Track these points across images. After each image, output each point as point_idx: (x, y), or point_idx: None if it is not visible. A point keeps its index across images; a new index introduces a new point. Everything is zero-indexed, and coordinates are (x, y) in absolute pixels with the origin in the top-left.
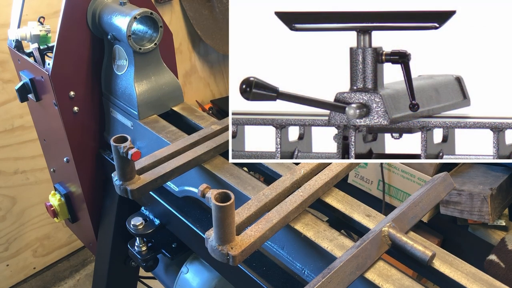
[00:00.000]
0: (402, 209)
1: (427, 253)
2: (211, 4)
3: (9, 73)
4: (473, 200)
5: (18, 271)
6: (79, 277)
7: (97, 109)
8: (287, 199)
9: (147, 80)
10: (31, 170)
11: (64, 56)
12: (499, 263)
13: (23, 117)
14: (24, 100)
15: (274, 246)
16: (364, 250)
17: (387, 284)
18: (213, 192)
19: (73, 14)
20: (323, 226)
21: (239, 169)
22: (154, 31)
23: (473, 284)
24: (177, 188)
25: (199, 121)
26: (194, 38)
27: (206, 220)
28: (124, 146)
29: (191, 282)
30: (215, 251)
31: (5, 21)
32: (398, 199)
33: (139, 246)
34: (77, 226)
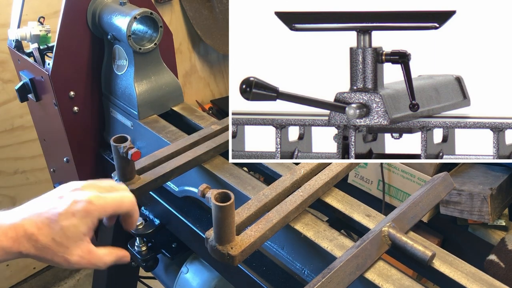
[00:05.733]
0: (402, 209)
1: (427, 253)
2: (211, 4)
3: (9, 73)
4: (473, 200)
5: (18, 271)
6: (79, 277)
7: (97, 109)
8: (287, 199)
9: (147, 80)
10: (31, 170)
11: (64, 56)
12: (499, 263)
13: (23, 117)
14: (24, 100)
15: (274, 246)
16: (364, 250)
17: (387, 284)
18: (213, 192)
19: (73, 14)
20: (323, 226)
21: (239, 169)
22: (154, 31)
23: (473, 284)
24: (177, 188)
25: (199, 121)
26: (194, 38)
27: (206, 220)
28: (124, 146)
29: (191, 282)
30: (215, 251)
31: (5, 21)
32: (398, 199)
33: (139, 246)
34: None
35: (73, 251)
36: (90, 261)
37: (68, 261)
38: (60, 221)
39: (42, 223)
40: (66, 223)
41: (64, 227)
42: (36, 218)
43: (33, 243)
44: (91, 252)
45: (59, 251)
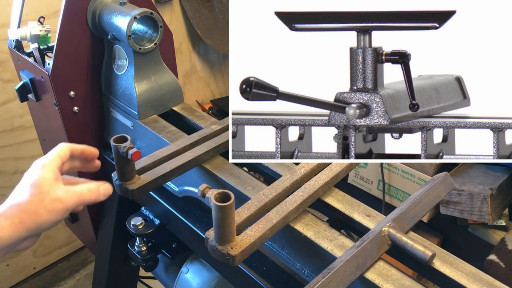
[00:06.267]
0: (402, 209)
1: (427, 253)
2: (211, 4)
3: (9, 73)
4: (473, 200)
5: (18, 271)
6: (79, 277)
7: (97, 109)
8: (287, 199)
9: (147, 80)
10: None
11: (64, 56)
12: (499, 263)
13: (23, 117)
14: (24, 100)
15: (274, 246)
16: (364, 250)
17: (387, 284)
18: (213, 192)
19: (73, 14)
20: (323, 226)
21: (239, 169)
22: (154, 31)
23: (473, 284)
24: (177, 188)
25: (199, 121)
26: (194, 38)
27: (206, 220)
28: (124, 146)
29: (191, 282)
30: (215, 251)
31: (5, 21)
32: (398, 199)
33: (139, 246)
34: (77, 226)
35: (55, 192)
36: (75, 192)
37: (60, 200)
38: (26, 185)
39: (17, 199)
40: (31, 181)
41: (32, 185)
42: (7, 204)
43: (23, 216)
44: (71, 188)
45: (43, 199)
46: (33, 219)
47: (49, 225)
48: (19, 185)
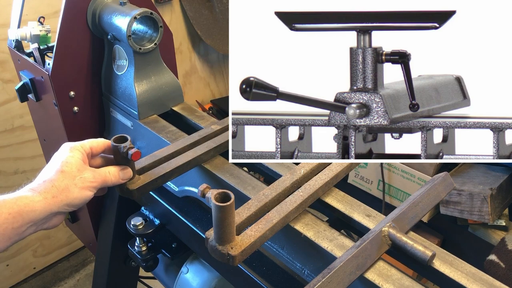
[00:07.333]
0: (402, 209)
1: (427, 253)
2: (211, 4)
3: (9, 73)
4: (473, 200)
5: (18, 271)
6: (79, 277)
7: (97, 109)
8: (287, 199)
9: (147, 80)
10: (31, 170)
11: (64, 56)
12: (499, 263)
13: (23, 117)
14: (24, 100)
15: (274, 246)
16: (364, 250)
17: (387, 284)
18: (213, 192)
19: (73, 14)
20: (323, 226)
21: (239, 169)
22: (154, 31)
23: (473, 284)
24: (177, 188)
25: (199, 121)
26: (194, 38)
27: (206, 220)
28: (124, 146)
29: (191, 282)
30: (215, 251)
31: (5, 21)
32: (398, 199)
33: (139, 246)
34: (77, 226)
35: (84, 172)
36: (100, 174)
37: (89, 179)
38: (57, 164)
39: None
40: (63, 160)
41: (63, 164)
42: (40, 180)
43: (55, 191)
44: (96, 170)
45: (74, 177)
46: (65, 194)
47: (79, 202)
48: (49, 164)
